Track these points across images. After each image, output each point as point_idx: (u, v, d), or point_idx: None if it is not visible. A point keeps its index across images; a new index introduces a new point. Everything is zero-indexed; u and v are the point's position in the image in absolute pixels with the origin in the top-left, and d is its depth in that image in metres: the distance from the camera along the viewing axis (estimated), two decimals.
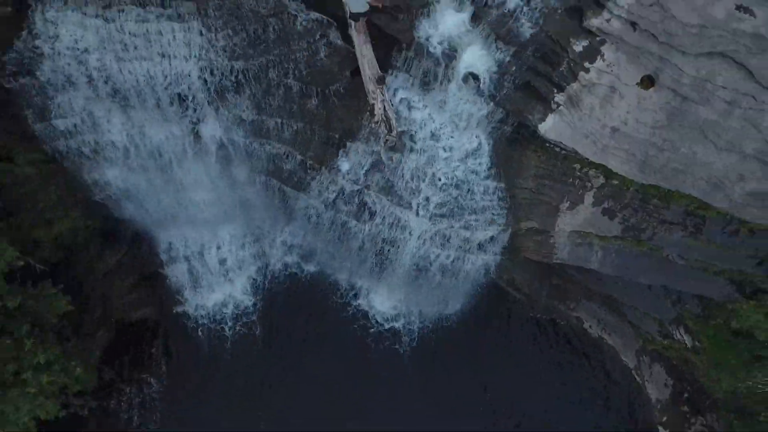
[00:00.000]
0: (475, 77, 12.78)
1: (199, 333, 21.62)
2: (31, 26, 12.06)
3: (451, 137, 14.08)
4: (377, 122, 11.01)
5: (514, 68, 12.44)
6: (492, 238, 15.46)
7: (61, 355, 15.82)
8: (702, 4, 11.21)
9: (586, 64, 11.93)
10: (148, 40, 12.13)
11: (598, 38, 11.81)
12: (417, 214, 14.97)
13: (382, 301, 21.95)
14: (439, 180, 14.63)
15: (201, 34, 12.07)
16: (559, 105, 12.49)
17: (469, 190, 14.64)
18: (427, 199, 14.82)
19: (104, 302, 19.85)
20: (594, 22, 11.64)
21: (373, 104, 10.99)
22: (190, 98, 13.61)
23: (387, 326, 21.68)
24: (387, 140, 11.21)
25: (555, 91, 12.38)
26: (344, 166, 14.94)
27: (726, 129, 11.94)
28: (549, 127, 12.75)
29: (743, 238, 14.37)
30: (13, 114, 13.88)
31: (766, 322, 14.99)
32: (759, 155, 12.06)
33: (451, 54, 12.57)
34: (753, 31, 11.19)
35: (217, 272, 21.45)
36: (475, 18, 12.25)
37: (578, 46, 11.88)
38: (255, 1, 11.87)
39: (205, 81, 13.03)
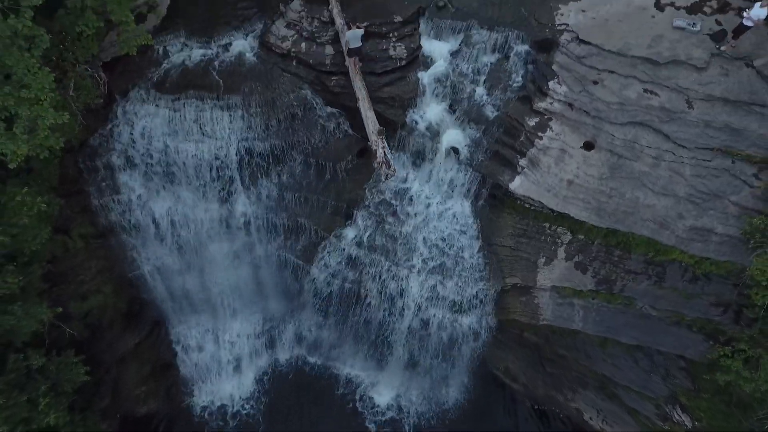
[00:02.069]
0: (456, 150, 16.25)
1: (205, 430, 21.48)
2: (114, 116, 15.90)
3: (440, 203, 17.00)
4: (379, 163, 14.09)
5: (485, 141, 15.94)
6: (481, 296, 17.17)
7: (70, 423, 16.25)
8: (618, 88, 15.17)
9: (539, 134, 15.44)
10: (201, 124, 15.86)
11: (545, 116, 15.54)
12: (412, 272, 17.01)
13: (382, 392, 22.29)
14: (431, 241, 17.06)
15: (243, 119, 15.85)
16: (523, 167, 15.65)
17: (457, 249, 16.96)
18: (421, 258, 17.04)
19: (115, 390, 20.32)
20: (540, 105, 15.51)
21: (376, 150, 14.22)
22: (227, 176, 16.86)
23: (387, 416, 21.65)
24: (387, 175, 14.15)
25: (518, 156, 15.66)
26: (350, 233, 17.50)
27: (658, 178, 14.91)
28: (517, 185, 15.72)
29: (702, 284, 16.18)
30: (80, 190, 16.95)
31: (746, 371, 15.78)
32: (690, 198, 14.80)
33: (435, 133, 16.22)
34: (660, 105, 14.93)
35: (227, 364, 22.22)
36: (452, 107, 16.20)
37: (531, 122, 15.54)
38: (286, 97, 15.91)
39: (241, 159, 16.42)
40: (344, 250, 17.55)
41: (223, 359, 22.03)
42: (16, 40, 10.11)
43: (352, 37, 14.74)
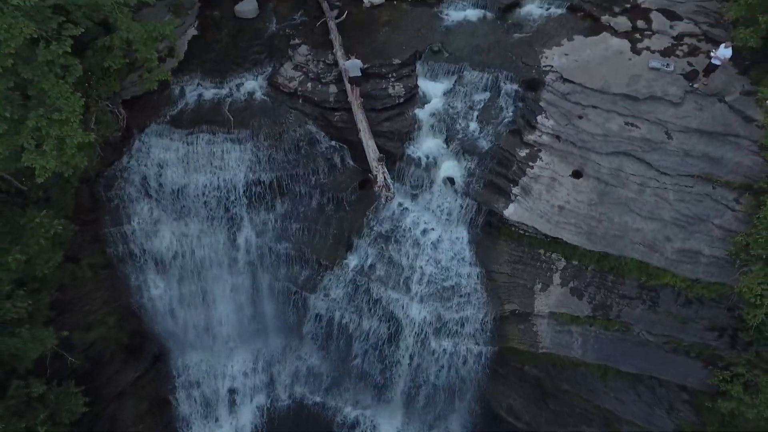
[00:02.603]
0: (452, 180, 17.15)
1: None
2: (131, 149, 16.91)
3: (438, 231, 17.67)
4: (379, 187, 14.92)
5: (479, 171, 16.88)
6: (480, 323, 17.45)
7: None
8: (601, 121, 16.33)
9: (530, 164, 16.41)
10: (212, 157, 16.84)
11: (535, 147, 16.58)
12: (413, 299, 17.39)
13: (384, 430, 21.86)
14: (430, 269, 17.57)
15: (251, 152, 16.85)
16: (516, 195, 16.48)
17: (456, 276, 17.44)
18: (421, 285, 17.48)
19: (112, 426, 20.00)
20: (530, 137, 16.60)
21: (376, 175, 15.11)
22: (234, 206, 17.63)
23: None
24: (387, 197, 14.91)
25: (511, 185, 16.53)
26: (352, 262, 18.03)
27: (644, 203, 15.71)
28: (512, 212, 16.48)
29: (696, 308, 16.56)
30: (93, 219, 17.65)
31: (746, 395, 15.82)
32: (676, 221, 15.53)
33: (432, 164, 17.20)
34: (641, 136, 16.03)
35: (225, 402, 21.97)
36: (448, 140, 17.28)
37: (522, 153, 16.56)
38: (292, 131, 17.02)
39: (248, 189, 17.25)
40: (346, 278, 18.00)
41: (222, 396, 21.78)
42: (53, 68, 11.23)
43: (351, 66, 16.08)
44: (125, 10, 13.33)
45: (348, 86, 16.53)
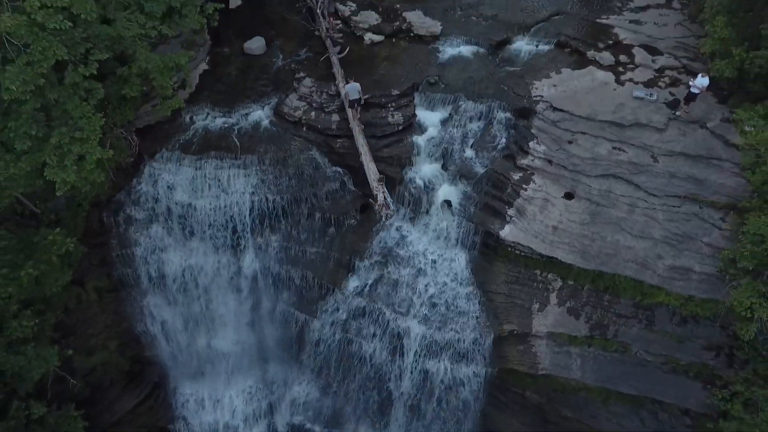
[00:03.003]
0: (449, 203, 17.84)
1: None
2: (141, 174, 17.64)
3: (436, 252, 18.18)
4: (380, 205, 15.55)
5: (475, 194, 17.58)
6: (480, 343, 17.66)
7: None
8: (590, 146, 17.18)
9: (524, 186, 17.14)
10: (220, 181, 17.56)
11: (528, 171, 17.36)
12: (413, 319, 17.68)
13: None
14: (429, 289, 17.97)
15: (256, 176, 17.59)
16: (511, 216, 17.11)
17: (454, 296, 17.81)
18: (420, 306, 17.82)
19: None
20: (523, 162, 17.42)
21: (377, 194, 15.78)
22: (239, 229, 18.19)
23: None
24: (387, 215, 15.49)
25: (506, 206, 17.19)
26: (353, 284, 18.43)
27: (634, 222, 16.33)
28: (507, 232, 17.05)
29: (691, 327, 16.85)
30: (101, 243, 18.15)
31: (747, 414, 15.87)
32: (666, 240, 16.09)
33: (430, 188, 17.93)
34: (628, 160, 16.85)
35: (225, 431, 21.73)
36: (445, 165, 18.09)
37: (516, 176, 17.33)
38: (296, 157, 17.83)
39: (253, 213, 17.87)
40: (347, 300, 18.33)
41: (221, 425, 21.54)
42: (78, 91, 12.10)
43: (351, 89, 17.09)
44: (144, 43, 14.38)
45: (348, 111, 17.48)
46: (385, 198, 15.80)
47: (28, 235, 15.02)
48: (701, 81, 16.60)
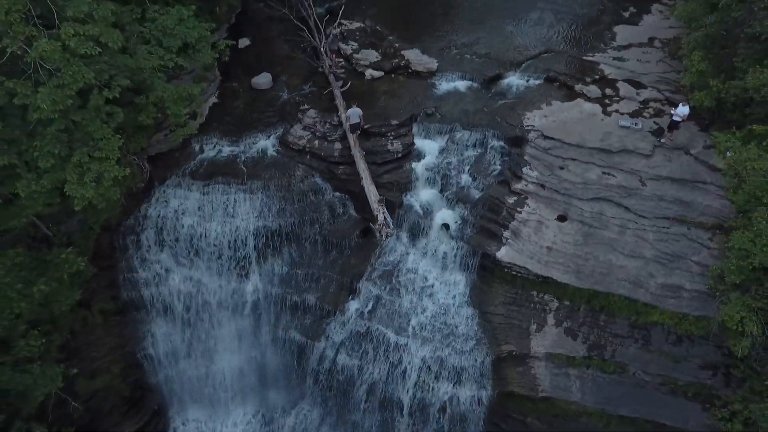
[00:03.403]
0: (447, 226, 18.50)
1: None
2: (151, 199, 18.37)
3: (435, 274, 18.66)
4: (380, 225, 16.18)
5: (472, 218, 18.28)
6: (479, 364, 17.86)
7: None
8: (581, 171, 18.04)
9: (519, 209, 17.86)
10: (226, 205, 18.28)
11: (522, 195, 18.13)
12: (413, 341, 17.95)
13: None
14: (429, 311, 18.34)
15: (262, 201, 18.33)
16: (507, 238, 17.73)
17: (453, 317, 18.16)
18: (420, 327, 18.14)
19: None
20: (517, 186, 18.22)
21: (377, 214, 16.45)
22: (243, 252, 18.74)
23: None
24: (387, 234, 16.07)
25: (502, 229, 17.84)
26: (354, 306, 18.81)
27: (625, 243, 16.94)
28: (503, 254, 17.62)
29: (687, 347, 17.12)
30: (110, 266, 18.65)
31: None
32: (656, 259, 16.66)
33: (428, 212, 18.64)
34: (617, 184, 17.67)
35: None
36: (442, 190, 18.89)
37: (511, 200, 18.09)
38: (300, 183, 18.64)
39: (257, 236, 18.48)
40: (348, 322, 18.65)
41: None
42: (100, 114, 13.02)
43: (353, 113, 18.09)
44: (161, 74, 15.48)
45: (349, 135, 18.43)
46: (385, 218, 16.51)
47: (41, 255, 15.57)
48: (682, 109, 17.66)
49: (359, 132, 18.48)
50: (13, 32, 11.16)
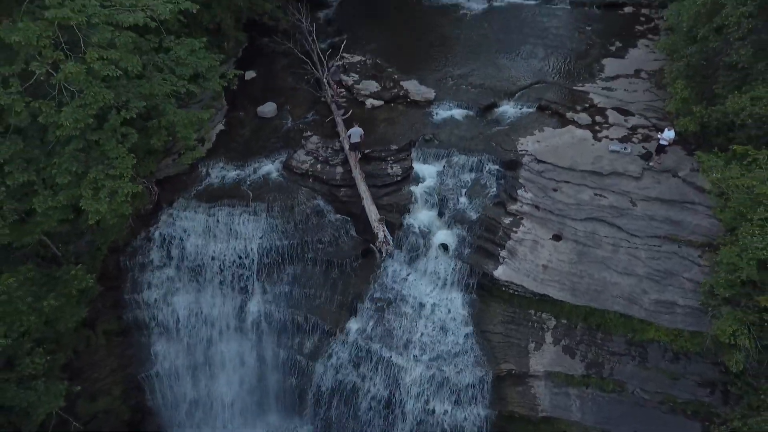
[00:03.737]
0: (445, 246, 19.02)
1: None
2: (158, 220, 18.94)
3: (434, 294, 19.03)
4: (380, 242, 16.68)
5: (469, 238, 18.82)
6: (478, 384, 18.00)
7: None
8: (573, 193, 18.73)
9: (514, 229, 18.44)
10: (230, 227, 18.84)
11: (517, 216, 18.75)
12: (413, 360, 18.16)
13: None
14: (428, 330, 18.61)
15: (265, 222, 18.91)
16: (504, 257, 18.23)
17: (452, 336, 18.42)
18: (419, 347, 18.37)
19: None
20: (513, 207, 18.87)
21: (377, 232, 16.98)
22: (246, 272, 19.17)
23: None
24: (387, 251, 16.53)
25: (499, 248, 18.37)
26: (355, 326, 19.10)
27: (619, 261, 17.44)
28: (500, 272, 18.07)
29: (684, 364, 17.34)
30: (115, 286, 19.03)
31: None
32: (649, 276, 17.11)
33: (427, 233, 19.20)
34: (609, 204, 18.33)
35: None
36: (440, 212, 19.51)
37: (507, 221, 18.69)
38: (303, 205, 19.29)
39: (260, 257, 18.95)
40: (349, 342, 18.88)
41: None
42: (116, 135, 13.80)
43: (354, 132, 18.87)
44: (172, 100, 16.38)
45: (349, 154, 19.17)
46: (385, 236, 17.05)
47: (51, 272, 16.01)
48: (668, 134, 18.52)
49: (359, 152, 19.25)
50: (42, 57, 12.05)
